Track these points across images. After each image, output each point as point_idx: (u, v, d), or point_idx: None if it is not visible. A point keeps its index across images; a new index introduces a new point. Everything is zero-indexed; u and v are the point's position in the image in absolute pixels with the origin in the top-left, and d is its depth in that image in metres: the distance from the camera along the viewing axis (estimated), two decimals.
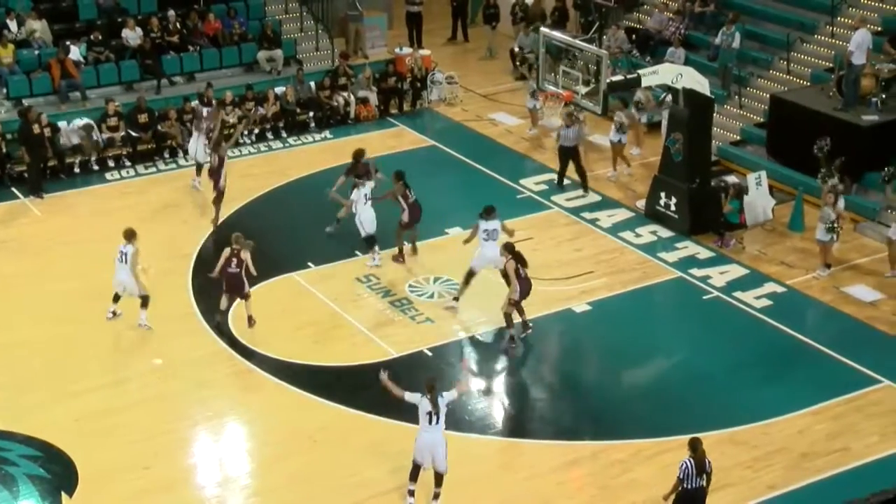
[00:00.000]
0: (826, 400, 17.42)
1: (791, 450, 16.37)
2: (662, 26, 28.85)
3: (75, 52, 26.74)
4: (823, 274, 20.82)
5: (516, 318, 18.92)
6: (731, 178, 23.02)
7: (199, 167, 24.41)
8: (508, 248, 18.71)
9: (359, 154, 22.17)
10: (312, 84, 28.16)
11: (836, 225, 20.54)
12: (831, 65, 25.39)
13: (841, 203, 20.88)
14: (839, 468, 16.01)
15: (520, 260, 18.63)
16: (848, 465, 16.08)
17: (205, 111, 25.02)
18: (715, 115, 23.82)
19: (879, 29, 25.67)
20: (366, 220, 20.94)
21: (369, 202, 20.92)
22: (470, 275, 19.67)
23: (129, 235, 19.09)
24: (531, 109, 27.21)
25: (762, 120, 25.64)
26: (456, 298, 19.86)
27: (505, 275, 18.77)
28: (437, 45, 32.71)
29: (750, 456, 16.23)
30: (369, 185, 21.07)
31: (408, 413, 17.09)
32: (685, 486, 14.14)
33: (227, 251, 19.01)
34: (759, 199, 22.64)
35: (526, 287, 18.72)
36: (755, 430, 16.80)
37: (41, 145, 24.42)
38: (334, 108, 27.97)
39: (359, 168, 21.82)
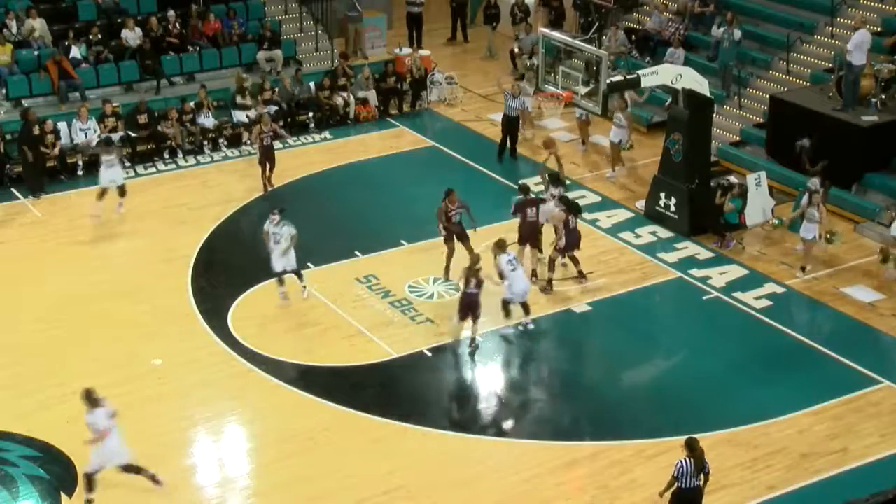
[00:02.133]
0: (825, 400, 17.42)
1: (791, 450, 16.36)
2: (662, 27, 28.83)
3: (75, 52, 26.71)
4: (801, 275, 20.87)
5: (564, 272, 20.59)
6: (733, 178, 22.99)
7: (105, 192, 23.17)
8: (563, 200, 20.55)
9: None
10: (312, 84, 28.15)
11: (830, 235, 21.00)
12: (831, 65, 25.38)
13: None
14: (839, 469, 16.00)
15: (573, 209, 20.36)
16: (847, 465, 16.08)
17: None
18: (714, 115, 23.79)
19: (879, 29, 25.66)
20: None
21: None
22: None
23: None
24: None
25: (762, 120, 25.62)
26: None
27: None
28: (437, 45, 32.67)
29: (749, 456, 16.22)
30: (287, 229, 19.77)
31: (407, 414, 17.18)
32: (681, 485, 14.13)
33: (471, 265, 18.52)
34: (759, 199, 22.62)
35: (573, 238, 20.26)
36: (755, 430, 16.79)
37: (40, 146, 24.40)
38: (334, 109, 27.95)
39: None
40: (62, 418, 16.97)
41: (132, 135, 25.86)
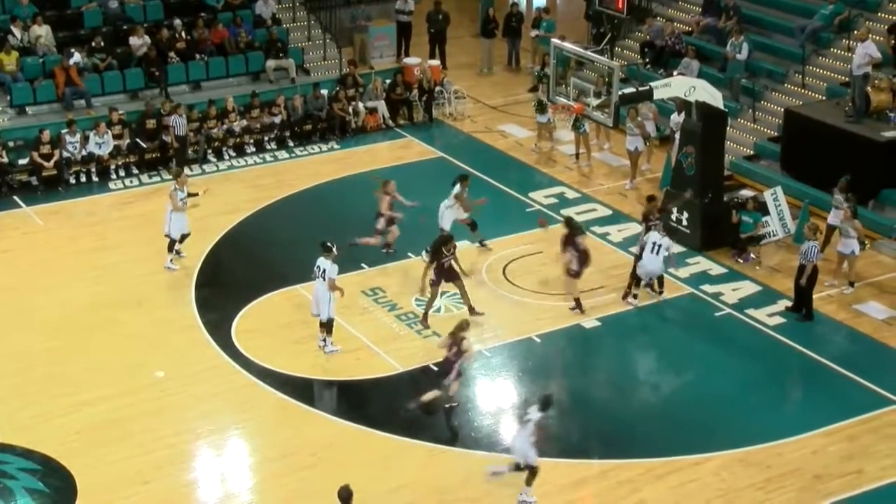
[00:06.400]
0: (840, 420, 17.12)
1: (804, 471, 16.08)
2: (656, 37, 28.56)
3: (76, 59, 26.52)
4: (848, 291, 20.63)
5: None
6: (746, 192, 22.69)
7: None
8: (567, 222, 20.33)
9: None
10: (325, 93, 27.88)
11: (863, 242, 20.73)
12: (847, 79, 25.04)
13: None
14: (853, 491, 15.72)
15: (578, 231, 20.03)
16: (862, 487, 15.79)
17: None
18: (728, 128, 23.50)
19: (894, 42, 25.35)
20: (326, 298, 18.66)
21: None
22: None
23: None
24: (543, 124, 26.90)
25: (776, 134, 25.34)
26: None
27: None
28: (451, 54, 32.25)
29: (762, 477, 15.95)
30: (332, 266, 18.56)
31: (414, 430, 16.92)
32: None
33: None
34: (777, 215, 22.33)
35: (586, 260, 19.88)
36: (768, 450, 16.51)
37: None
38: (346, 122, 27.68)
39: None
40: (63, 430, 16.84)
41: (142, 144, 25.67)
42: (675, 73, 26.23)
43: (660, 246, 19.51)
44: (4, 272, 21.57)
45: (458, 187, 21.51)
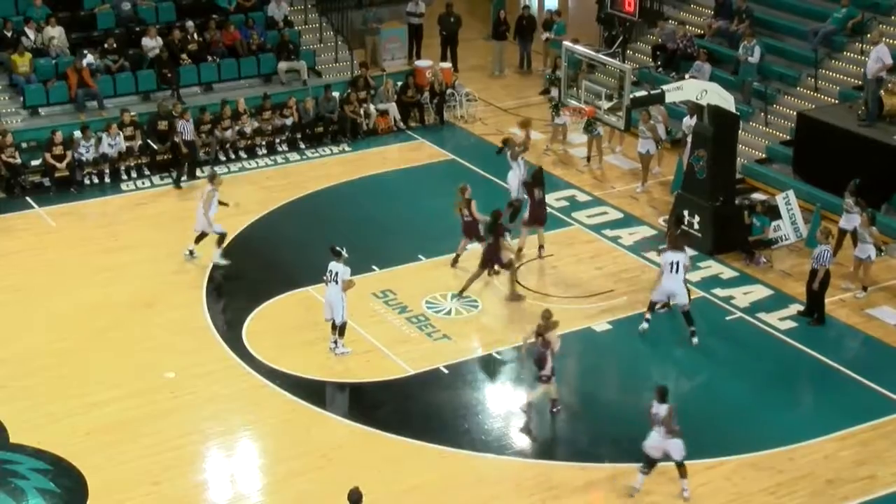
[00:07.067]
0: (852, 425, 17.05)
1: (816, 476, 16.01)
2: (668, 40, 28.51)
3: (89, 60, 26.56)
4: (861, 295, 20.55)
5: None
6: (757, 196, 22.62)
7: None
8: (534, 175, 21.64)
9: None
10: (336, 95, 27.88)
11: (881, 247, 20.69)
12: (860, 82, 24.98)
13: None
14: (866, 496, 15.64)
15: (538, 183, 21.43)
16: (875, 493, 15.71)
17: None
18: (740, 132, 23.44)
19: None
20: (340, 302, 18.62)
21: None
22: None
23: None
24: (558, 126, 26.89)
25: (788, 138, 25.26)
26: None
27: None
28: (463, 57, 32.23)
29: (773, 481, 15.88)
30: (345, 268, 18.52)
31: (424, 432, 16.90)
32: None
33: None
34: (789, 219, 22.25)
35: (538, 212, 21.54)
36: (779, 455, 16.44)
37: None
38: (357, 124, 27.67)
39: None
40: (73, 431, 16.86)
41: (153, 146, 25.69)
42: (686, 76, 26.22)
43: (678, 263, 18.94)
44: (16, 273, 21.62)
45: (508, 150, 22.64)
